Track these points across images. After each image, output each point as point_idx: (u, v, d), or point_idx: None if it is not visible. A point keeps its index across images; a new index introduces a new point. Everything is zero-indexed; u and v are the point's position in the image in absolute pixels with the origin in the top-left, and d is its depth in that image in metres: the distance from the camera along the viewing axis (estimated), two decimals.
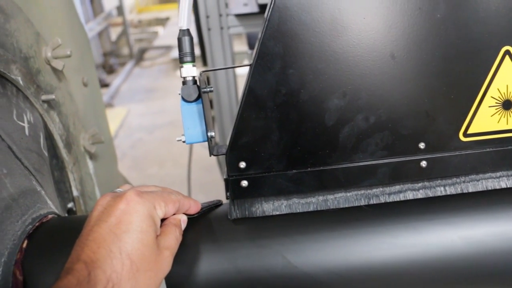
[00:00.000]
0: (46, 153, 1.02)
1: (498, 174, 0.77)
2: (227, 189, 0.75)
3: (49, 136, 1.11)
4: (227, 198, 0.76)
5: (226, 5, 1.69)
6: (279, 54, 0.71)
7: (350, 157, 0.75)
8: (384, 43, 0.72)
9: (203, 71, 0.75)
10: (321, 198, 0.76)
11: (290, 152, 0.74)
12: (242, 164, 0.74)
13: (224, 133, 1.88)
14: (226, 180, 0.75)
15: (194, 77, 0.74)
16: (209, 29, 1.67)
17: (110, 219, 0.61)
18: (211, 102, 1.84)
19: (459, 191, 0.77)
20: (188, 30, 0.74)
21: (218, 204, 0.79)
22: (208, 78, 2.18)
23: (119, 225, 0.60)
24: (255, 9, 1.67)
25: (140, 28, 8.85)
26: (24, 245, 0.76)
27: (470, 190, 0.77)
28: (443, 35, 0.72)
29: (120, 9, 7.17)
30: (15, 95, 0.98)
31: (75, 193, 1.20)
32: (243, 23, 1.70)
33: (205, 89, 0.75)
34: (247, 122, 0.73)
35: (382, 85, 0.73)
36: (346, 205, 0.76)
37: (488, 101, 0.75)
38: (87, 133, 1.32)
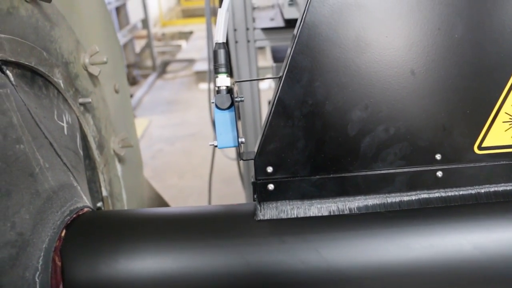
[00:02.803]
0: (81, 152, 1.09)
1: (510, 185, 0.81)
2: (254, 192, 0.80)
3: (83, 137, 1.18)
4: (254, 200, 0.81)
5: (254, 19, 1.76)
6: (307, 67, 0.76)
7: (370, 166, 0.80)
8: (405, 60, 0.77)
9: (236, 82, 0.81)
10: (341, 203, 0.81)
11: (314, 158, 0.79)
12: (270, 169, 0.79)
13: (246, 142, 1.94)
14: (253, 183, 0.80)
15: (227, 86, 0.80)
16: (236, 42, 1.75)
17: None
18: None
19: (473, 200, 0.80)
20: (224, 43, 0.80)
21: None
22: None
23: None
24: (281, 23, 1.74)
25: (163, 41, 9.07)
26: (63, 234, 0.82)
27: (484, 201, 0.80)
28: (460, 54, 0.77)
29: (145, 22, 7.37)
30: (56, 96, 1.05)
31: (104, 193, 1.27)
32: (269, 37, 1.77)
33: (237, 99, 0.80)
34: (275, 129, 0.78)
35: (402, 99, 0.78)
36: (365, 211, 0.81)
37: (502, 116, 0.79)
38: (117, 137, 1.39)
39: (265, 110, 2.23)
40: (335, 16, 0.75)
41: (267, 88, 6.00)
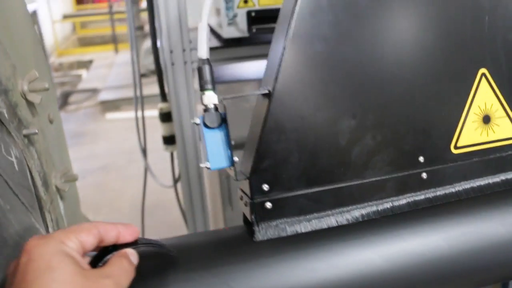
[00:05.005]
0: (33, 190, 0.96)
1: (484, 180, 0.87)
2: (252, 212, 0.77)
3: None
4: (250, 220, 0.78)
5: (190, 41, 1.73)
6: (296, 80, 0.76)
7: (362, 174, 0.81)
8: (385, 71, 0.80)
9: (224, 98, 0.78)
10: (338, 214, 0.81)
11: (308, 172, 0.79)
12: (265, 187, 0.77)
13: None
14: (251, 204, 0.77)
15: (215, 104, 0.76)
16: (172, 64, 1.70)
17: (17, 277, 0.56)
18: (174, 136, 1.83)
19: (455, 198, 0.85)
20: (208, 59, 0.77)
21: (160, 244, 0.74)
22: (170, 113, 2.17)
23: (25, 277, 0.54)
24: (218, 43, 1.73)
25: (61, 71, 8.53)
26: None
27: (464, 197, 0.86)
28: (432, 62, 0.82)
29: None
30: (0, 129, 0.93)
31: None
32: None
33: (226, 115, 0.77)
34: (268, 145, 0.76)
35: (385, 106, 0.81)
36: (361, 219, 0.81)
37: (471, 117, 0.86)
38: (58, 172, 1.26)
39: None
40: (321, 29, 0.76)
41: None
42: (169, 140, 2.11)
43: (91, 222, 0.66)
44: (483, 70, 0.85)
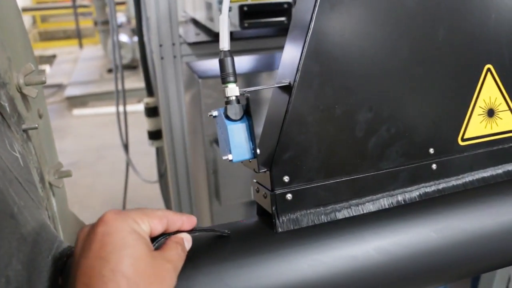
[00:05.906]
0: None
1: (487, 171, 0.92)
2: (272, 204, 0.78)
3: None
4: (271, 212, 0.78)
5: (180, 35, 1.71)
6: (317, 73, 0.77)
7: (377, 165, 0.83)
8: (399, 66, 0.82)
9: (244, 90, 0.77)
10: (354, 206, 0.82)
11: (327, 163, 0.80)
12: (286, 178, 0.78)
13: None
14: (272, 195, 0.77)
15: (237, 96, 0.76)
16: (162, 58, 1.67)
17: (93, 245, 0.59)
18: (160, 131, 1.81)
19: (462, 188, 0.89)
20: (229, 51, 0.76)
21: (213, 229, 0.76)
22: (156, 107, 2.14)
23: (103, 248, 0.58)
24: (208, 38, 1.71)
25: None
26: (60, 282, 0.69)
27: (469, 187, 0.89)
28: (444, 57, 0.85)
29: None
30: (1, 123, 0.89)
31: None
32: (195, 52, 1.73)
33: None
34: (289, 137, 0.77)
35: (399, 100, 0.83)
36: (375, 209, 0.83)
37: (477, 110, 0.90)
38: (51, 168, 1.22)
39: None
40: (341, 23, 0.77)
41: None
42: (154, 135, 2.08)
43: (162, 210, 0.68)
44: (488, 66, 0.89)
